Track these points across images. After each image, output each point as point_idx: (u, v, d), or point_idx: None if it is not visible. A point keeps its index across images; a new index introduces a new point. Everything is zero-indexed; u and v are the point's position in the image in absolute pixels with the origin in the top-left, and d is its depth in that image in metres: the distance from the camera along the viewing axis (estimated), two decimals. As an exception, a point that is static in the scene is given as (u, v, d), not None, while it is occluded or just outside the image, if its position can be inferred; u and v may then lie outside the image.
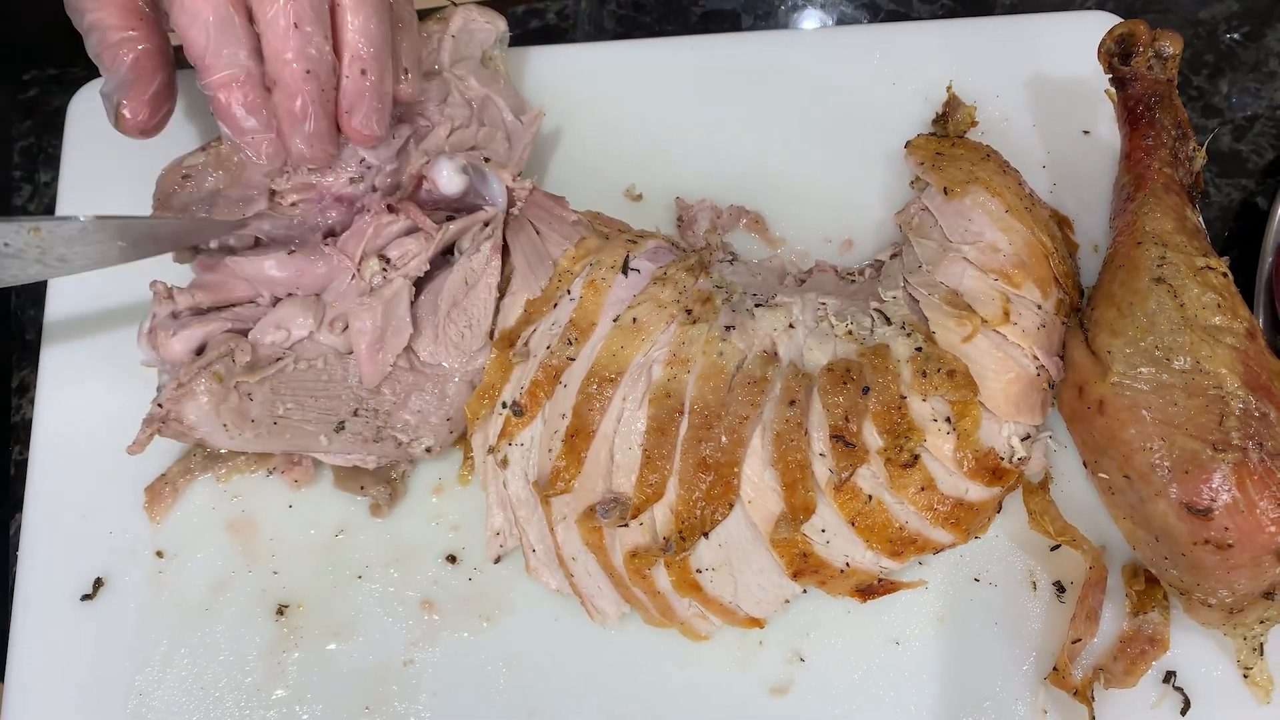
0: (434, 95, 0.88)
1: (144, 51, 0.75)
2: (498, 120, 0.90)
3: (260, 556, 0.84)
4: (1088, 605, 0.77)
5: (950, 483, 0.75)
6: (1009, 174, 0.83)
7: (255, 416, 0.77)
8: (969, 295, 0.77)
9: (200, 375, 0.75)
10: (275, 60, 0.73)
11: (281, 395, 0.78)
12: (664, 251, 0.83)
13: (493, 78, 0.91)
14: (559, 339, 0.79)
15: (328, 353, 0.79)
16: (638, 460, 0.75)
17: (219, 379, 0.75)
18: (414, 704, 0.79)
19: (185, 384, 0.75)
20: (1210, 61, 1.02)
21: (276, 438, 0.78)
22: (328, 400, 0.79)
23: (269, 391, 0.77)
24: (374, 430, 0.80)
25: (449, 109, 0.87)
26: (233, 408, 0.76)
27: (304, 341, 0.79)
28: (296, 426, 0.78)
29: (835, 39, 0.99)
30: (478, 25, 0.93)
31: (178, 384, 0.75)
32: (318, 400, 0.79)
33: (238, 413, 0.76)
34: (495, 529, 0.81)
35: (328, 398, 0.79)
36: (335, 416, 0.79)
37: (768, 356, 0.77)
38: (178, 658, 0.81)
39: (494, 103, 0.90)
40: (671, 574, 0.76)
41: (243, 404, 0.76)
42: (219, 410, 0.75)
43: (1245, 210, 0.97)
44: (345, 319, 0.79)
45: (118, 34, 0.75)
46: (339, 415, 0.79)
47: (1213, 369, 0.71)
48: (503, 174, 0.84)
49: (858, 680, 0.78)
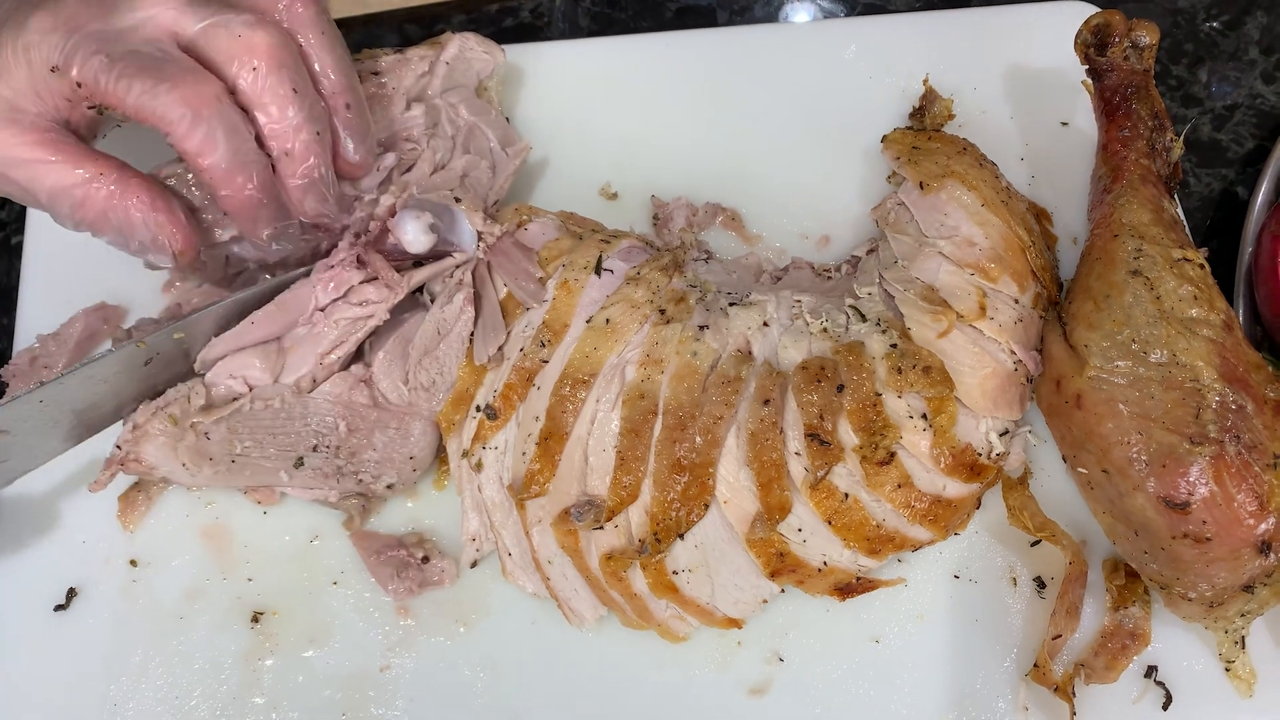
0: (422, 122, 0.87)
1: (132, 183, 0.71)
2: (484, 149, 0.89)
3: (235, 564, 0.83)
4: (1068, 601, 0.76)
5: (928, 479, 0.74)
6: (986, 167, 0.82)
7: (214, 455, 0.77)
8: (945, 290, 0.76)
9: (155, 417, 0.75)
10: (282, 131, 0.71)
11: (239, 434, 0.77)
12: (637, 251, 0.82)
13: (484, 109, 0.91)
14: (532, 341, 0.78)
15: (284, 391, 0.78)
16: (612, 462, 0.75)
17: (174, 421, 0.75)
18: (391, 710, 0.79)
19: (140, 425, 0.75)
20: (1189, 50, 1.02)
21: (236, 475, 0.78)
22: (286, 438, 0.78)
23: (226, 431, 0.76)
24: (334, 467, 0.80)
25: (436, 140, 0.86)
26: (190, 446, 0.75)
27: None
28: (255, 464, 0.78)
29: (811, 33, 0.99)
30: (475, 54, 0.92)
31: (134, 425, 0.75)
32: (276, 438, 0.78)
33: (195, 451, 0.76)
34: (471, 534, 0.80)
35: (286, 434, 0.78)
36: (294, 453, 0.79)
37: (742, 355, 0.77)
38: (153, 667, 0.81)
39: (481, 132, 0.89)
40: (648, 576, 0.76)
41: (200, 443, 0.76)
42: (176, 450, 0.75)
43: (1225, 200, 0.97)
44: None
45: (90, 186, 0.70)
46: (298, 451, 0.79)
47: (1189, 362, 0.70)
48: (474, 217, 0.83)
49: (837, 679, 0.78)
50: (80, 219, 0.72)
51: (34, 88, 0.70)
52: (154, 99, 0.67)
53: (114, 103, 0.69)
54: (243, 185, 0.71)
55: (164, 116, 0.68)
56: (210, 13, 0.70)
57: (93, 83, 0.68)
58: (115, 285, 0.91)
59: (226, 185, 0.70)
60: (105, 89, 0.68)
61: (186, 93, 0.68)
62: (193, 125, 0.68)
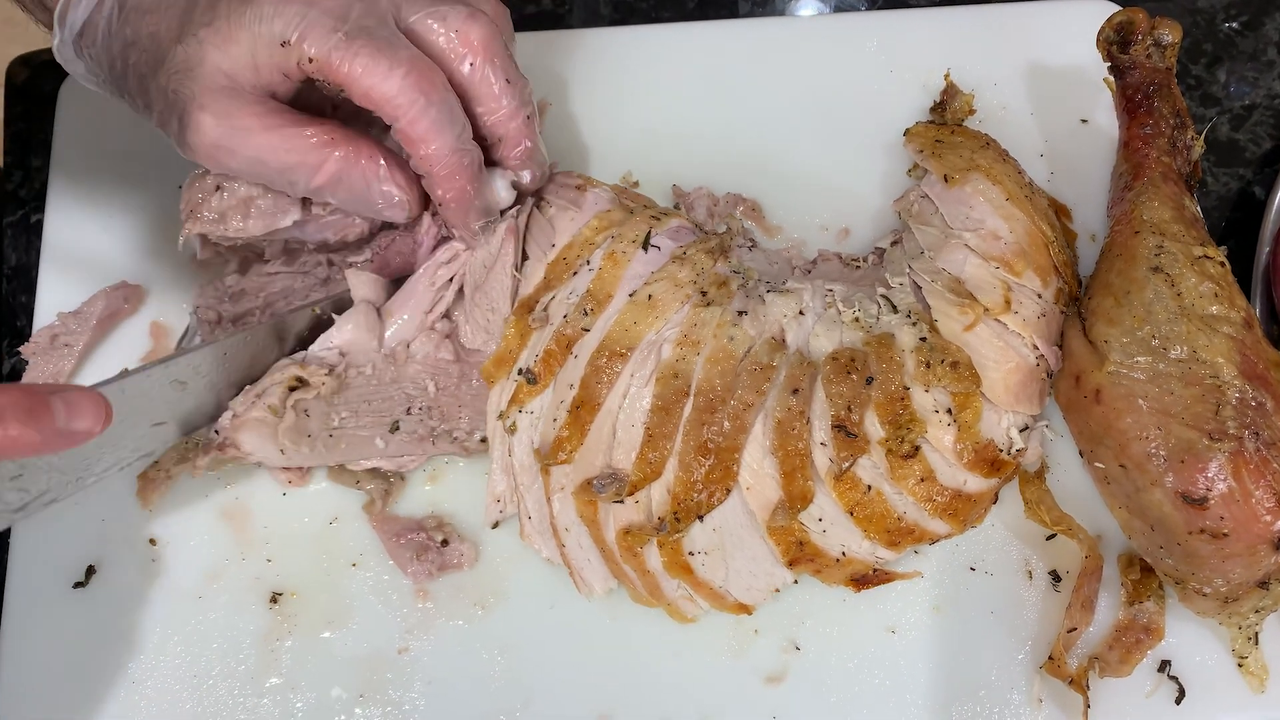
0: None
1: (363, 148, 0.72)
2: None
3: (254, 544, 0.83)
4: (1083, 594, 0.77)
5: (949, 474, 0.74)
6: (1008, 162, 0.83)
7: (312, 431, 0.77)
8: (970, 283, 0.76)
9: (254, 406, 0.75)
10: (499, 119, 0.75)
11: (336, 406, 0.77)
12: (686, 232, 0.83)
13: None
14: (575, 308, 0.79)
15: (376, 358, 0.78)
16: (639, 438, 0.75)
17: (274, 411, 0.75)
18: (409, 692, 0.79)
19: (240, 415, 0.75)
20: (1208, 50, 1.02)
21: (332, 449, 0.78)
22: (381, 403, 0.79)
23: (324, 405, 0.77)
24: (428, 429, 0.80)
25: None
26: (290, 427, 0.76)
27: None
28: (351, 434, 0.78)
29: (832, 26, 0.99)
30: None
31: (233, 414, 0.76)
32: (371, 404, 0.78)
33: (295, 430, 0.76)
34: (496, 495, 0.81)
35: (381, 399, 0.78)
36: (389, 418, 0.79)
37: (775, 343, 0.77)
38: (171, 646, 0.81)
39: None
40: (663, 554, 0.76)
41: (300, 421, 0.76)
42: (277, 433, 0.75)
43: (1243, 200, 0.97)
44: None
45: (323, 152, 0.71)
46: (393, 416, 0.79)
47: (1209, 358, 0.71)
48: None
49: (853, 669, 0.78)
50: (318, 186, 0.72)
51: (254, 59, 0.69)
52: (387, 81, 0.68)
53: (343, 81, 0.68)
54: (460, 173, 0.73)
55: (394, 100, 0.68)
56: (429, 2, 0.71)
57: (325, 59, 0.67)
58: (135, 264, 0.91)
59: (445, 171, 0.72)
60: (338, 67, 0.68)
61: (419, 79, 0.68)
62: (422, 111, 0.69)
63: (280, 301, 0.84)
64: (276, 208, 0.77)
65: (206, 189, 0.76)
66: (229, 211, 0.76)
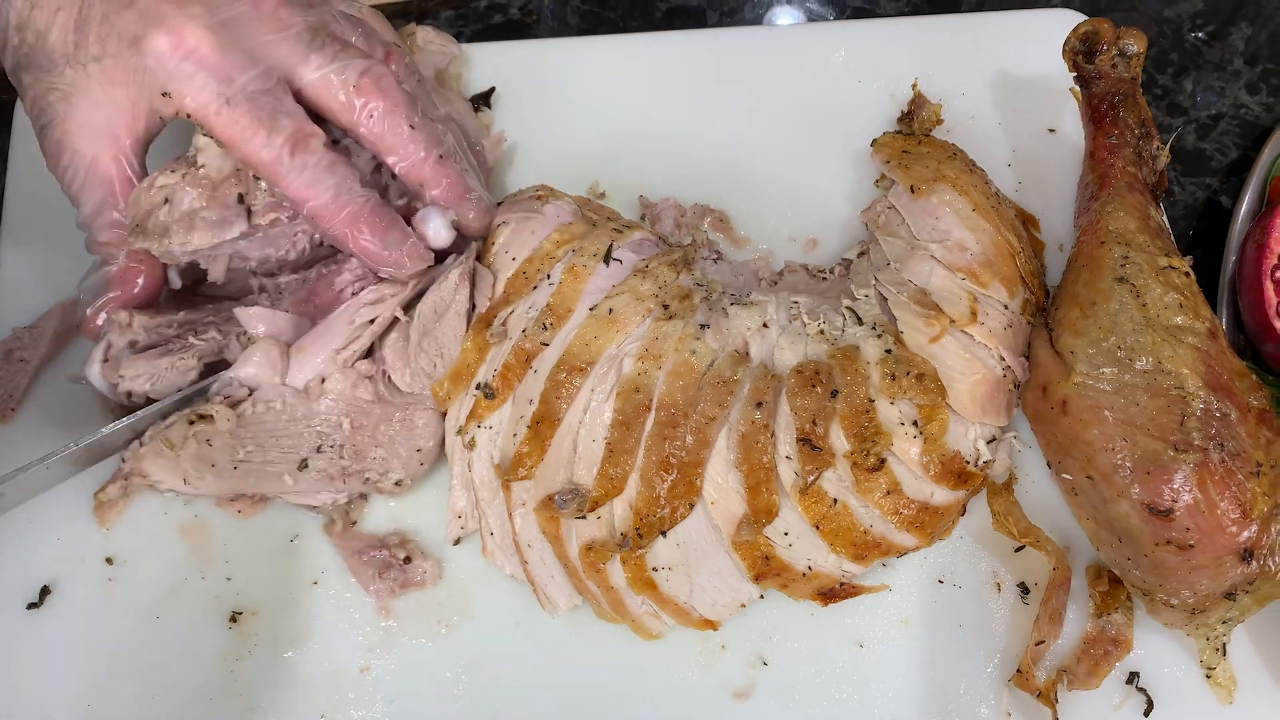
0: None
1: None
2: (461, 143, 0.88)
3: (213, 562, 0.82)
4: (1051, 607, 0.76)
5: (916, 486, 0.74)
6: (975, 172, 0.82)
7: (216, 462, 0.76)
8: (937, 294, 0.76)
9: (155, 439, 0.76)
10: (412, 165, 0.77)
11: (241, 439, 0.76)
12: (649, 244, 0.82)
13: (447, 98, 0.90)
14: (534, 322, 0.78)
15: (286, 393, 0.77)
16: (600, 453, 0.74)
17: (170, 444, 0.75)
18: (371, 711, 0.78)
19: (145, 445, 0.76)
20: (1175, 60, 1.02)
21: (239, 482, 0.77)
22: (289, 439, 0.77)
23: (228, 438, 0.75)
24: (339, 468, 0.78)
25: None
26: (193, 456, 0.75)
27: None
28: (258, 469, 0.77)
29: (800, 36, 0.99)
30: (435, 47, 0.92)
31: (140, 444, 0.76)
32: (279, 440, 0.77)
33: (198, 460, 0.76)
34: (457, 511, 0.80)
35: (289, 436, 0.77)
36: (298, 454, 0.78)
37: (738, 356, 0.76)
38: (129, 666, 0.79)
39: (454, 123, 0.88)
40: (627, 570, 0.75)
41: (202, 450, 0.75)
42: (180, 462, 0.75)
43: (1209, 209, 0.98)
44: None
45: None
46: (301, 453, 0.78)
47: (1174, 369, 0.71)
48: None
49: (821, 683, 0.78)
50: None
51: (133, 105, 0.73)
52: (265, 150, 0.72)
53: (222, 142, 0.73)
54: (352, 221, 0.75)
55: (270, 166, 0.72)
56: (326, 60, 0.74)
57: (204, 121, 0.72)
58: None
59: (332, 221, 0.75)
60: (220, 132, 0.72)
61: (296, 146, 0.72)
62: (297, 174, 0.73)
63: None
64: (222, 219, 0.76)
65: (154, 201, 0.74)
66: (173, 225, 0.75)
